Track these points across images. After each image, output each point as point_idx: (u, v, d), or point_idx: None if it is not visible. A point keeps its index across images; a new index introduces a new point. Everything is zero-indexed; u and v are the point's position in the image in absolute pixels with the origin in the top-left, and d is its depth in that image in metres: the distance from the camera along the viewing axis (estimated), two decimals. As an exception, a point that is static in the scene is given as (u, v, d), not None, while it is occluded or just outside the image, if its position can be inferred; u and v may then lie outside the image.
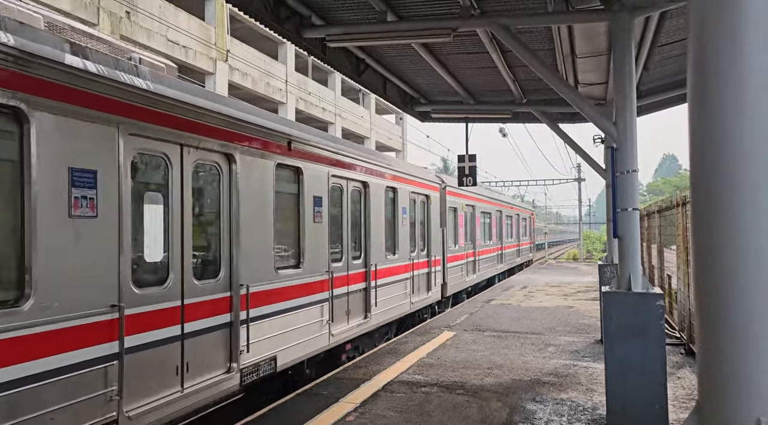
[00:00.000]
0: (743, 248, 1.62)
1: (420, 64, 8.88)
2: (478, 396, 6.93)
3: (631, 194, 5.73)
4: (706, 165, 1.71)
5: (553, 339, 10.43)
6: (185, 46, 21.95)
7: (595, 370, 8.01)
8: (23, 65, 4.00)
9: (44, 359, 4.10)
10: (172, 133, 5.41)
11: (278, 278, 7.09)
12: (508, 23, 6.43)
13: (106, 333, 4.62)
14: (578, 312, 13.64)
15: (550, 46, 7.82)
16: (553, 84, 6.70)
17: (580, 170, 46.27)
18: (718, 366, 1.64)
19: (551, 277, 24.05)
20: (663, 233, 12.15)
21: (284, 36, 7.02)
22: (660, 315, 5.30)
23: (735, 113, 1.63)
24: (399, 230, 11.53)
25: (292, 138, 7.41)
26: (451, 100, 11.03)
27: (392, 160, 11.90)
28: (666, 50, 7.95)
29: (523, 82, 9.68)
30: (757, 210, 1.60)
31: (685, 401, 6.65)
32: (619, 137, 5.85)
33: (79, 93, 4.40)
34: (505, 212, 24.96)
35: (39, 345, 4.06)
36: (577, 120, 11.03)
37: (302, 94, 30.15)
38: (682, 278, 9.78)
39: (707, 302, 1.71)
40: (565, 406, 6.52)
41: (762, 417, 1.54)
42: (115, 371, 4.65)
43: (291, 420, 6.07)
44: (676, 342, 9.87)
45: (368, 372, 8.03)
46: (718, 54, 1.66)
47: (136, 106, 4.99)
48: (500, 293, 17.77)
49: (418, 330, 11.55)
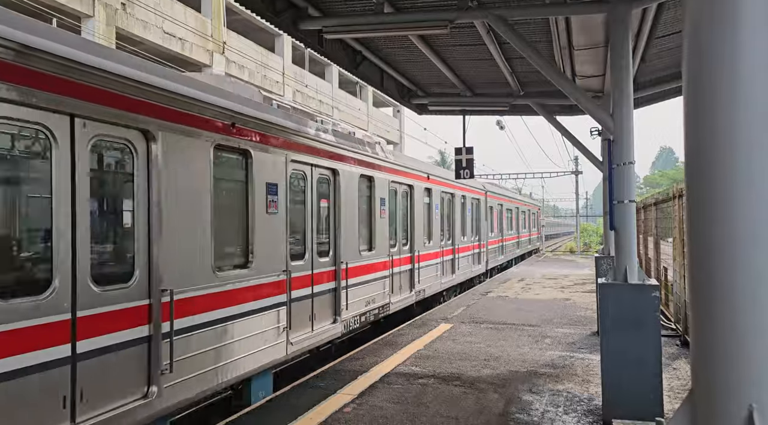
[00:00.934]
0: (737, 238, 1.63)
1: (417, 57, 8.86)
2: (474, 387, 6.96)
3: (627, 186, 5.75)
4: (701, 157, 1.72)
5: (549, 330, 10.47)
6: (182, 39, 21.85)
7: (592, 361, 8.06)
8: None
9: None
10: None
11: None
12: (506, 15, 6.42)
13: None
14: (575, 304, 13.69)
15: (548, 38, 7.81)
16: (551, 76, 6.69)
17: (578, 162, 46.34)
18: (712, 354, 1.66)
19: (548, 269, 24.12)
20: (659, 226, 12.19)
21: (281, 28, 7.00)
22: (656, 306, 5.33)
23: (730, 104, 1.64)
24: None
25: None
26: (449, 92, 11.02)
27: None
28: (663, 42, 7.95)
29: (520, 75, 9.67)
30: (752, 201, 1.61)
31: (680, 391, 6.69)
32: (616, 129, 5.86)
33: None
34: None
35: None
36: (575, 112, 11.04)
37: (299, 87, 30.07)
38: (678, 270, 9.83)
39: (701, 292, 1.72)
40: (561, 397, 6.57)
41: (754, 404, 1.56)
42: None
43: (289, 412, 6.10)
44: (672, 333, 9.92)
45: (365, 364, 8.06)
46: (712, 46, 1.67)
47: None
48: (497, 286, 17.81)
49: (415, 322, 11.58)
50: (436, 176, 14.62)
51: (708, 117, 1.69)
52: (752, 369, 1.59)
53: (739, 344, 1.61)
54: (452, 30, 6.84)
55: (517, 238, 29.17)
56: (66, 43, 4.39)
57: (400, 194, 12.11)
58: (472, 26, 7.30)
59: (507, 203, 25.85)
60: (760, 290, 1.61)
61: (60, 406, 4.20)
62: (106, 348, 4.61)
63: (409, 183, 12.45)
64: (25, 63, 4.03)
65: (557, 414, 6.02)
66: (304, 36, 7.29)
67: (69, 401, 4.27)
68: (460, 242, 16.65)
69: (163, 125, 5.25)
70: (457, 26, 7.19)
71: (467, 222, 17.70)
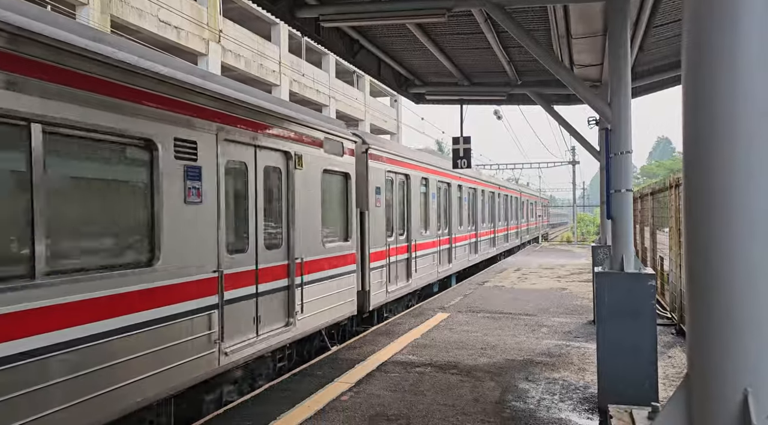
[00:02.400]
0: (734, 227, 1.64)
1: (414, 45, 8.82)
2: (471, 375, 7.01)
3: (624, 175, 5.75)
4: (699, 147, 1.73)
5: (546, 320, 10.52)
6: (177, 27, 21.69)
7: (588, 350, 8.11)
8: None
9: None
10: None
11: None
12: (503, 3, 6.38)
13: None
14: (571, 294, 13.75)
15: (546, 26, 7.77)
16: (549, 65, 6.67)
17: (575, 152, 46.36)
18: (707, 340, 1.67)
19: (545, 259, 24.19)
20: (656, 216, 12.22)
21: (277, 16, 6.95)
22: (651, 295, 5.36)
23: (729, 94, 1.64)
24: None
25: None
26: (446, 81, 10.99)
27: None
28: (662, 31, 7.92)
29: (518, 64, 9.64)
30: (749, 191, 1.62)
31: (675, 379, 6.74)
32: (613, 118, 5.85)
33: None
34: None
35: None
36: (572, 102, 11.02)
37: (296, 76, 29.93)
38: (675, 259, 9.87)
39: (698, 279, 1.73)
40: (557, 385, 6.61)
41: (749, 388, 1.58)
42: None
43: (287, 399, 6.13)
44: (668, 322, 9.98)
45: (363, 353, 8.09)
46: (712, 35, 1.66)
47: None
48: (494, 275, 17.87)
49: (413, 311, 11.63)
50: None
51: (707, 107, 1.69)
52: (747, 354, 1.60)
53: (735, 329, 1.62)
54: (450, 18, 6.80)
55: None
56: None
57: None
58: (469, 14, 7.26)
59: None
60: (755, 277, 1.62)
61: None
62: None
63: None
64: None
65: (553, 401, 6.06)
66: (301, 24, 7.23)
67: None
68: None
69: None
70: (455, 14, 7.15)
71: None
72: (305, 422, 5.50)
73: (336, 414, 5.70)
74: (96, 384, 4.55)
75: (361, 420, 5.52)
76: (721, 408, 1.63)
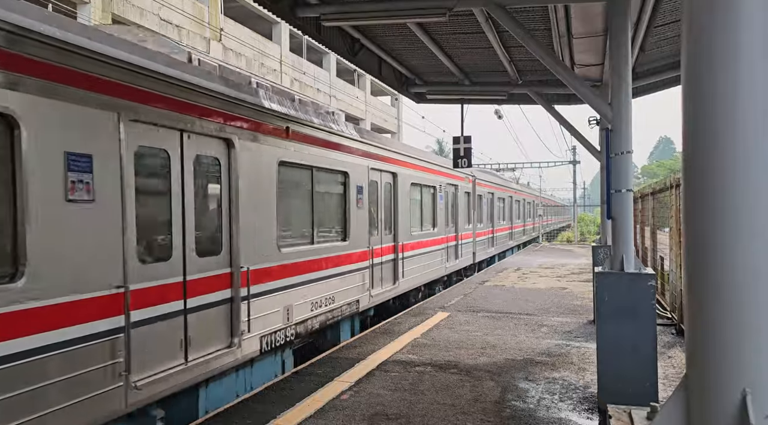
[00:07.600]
0: (734, 227, 1.64)
1: (415, 45, 8.82)
2: (471, 375, 7.01)
3: (625, 175, 5.75)
4: (699, 147, 1.73)
5: (546, 319, 10.52)
6: (178, 26, 21.69)
7: (588, 350, 8.11)
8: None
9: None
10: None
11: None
12: (505, 2, 6.38)
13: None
14: (571, 294, 13.75)
15: (546, 26, 7.77)
16: (549, 65, 6.67)
17: (575, 152, 46.34)
18: (707, 339, 1.68)
19: (545, 259, 24.18)
20: (656, 216, 12.22)
21: (278, 15, 6.95)
22: (651, 295, 5.36)
23: (728, 94, 1.64)
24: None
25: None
26: (447, 81, 10.99)
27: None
28: (662, 31, 7.92)
29: (518, 63, 9.64)
30: (749, 191, 1.62)
31: (675, 379, 6.74)
32: (614, 118, 5.85)
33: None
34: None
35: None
36: (573, 101, 11.02)
37: (297, 75, 29.92)
38: (675, 259, 9.87)
39: (697, 279, 1.73)
40: (557, 385, 6.61)
41: (747, 388, 1.58)
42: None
43: (288, 398, 6.14)
44: (668, 322, 9.98)
45: (363, 352, 8.10)
46: (711, 35, 1.66)
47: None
48: (494, 275, 17.87)
49: (413, 310, 11.63)
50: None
51: (706, 107, 1.69)
52: (746, 354, 1.60)
53: (734, 329, 1.63)
54: (451, 18, 6.80)
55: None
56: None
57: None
58: (470, 14, 7.26)
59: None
60: (755, 278, 1.62)
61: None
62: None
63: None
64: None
65: (553, 401, 6.07)
66: (302, 23, 7.24)
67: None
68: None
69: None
70: (456, 14, 7.14)
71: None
72: (305, 421, 5.51)
73: (336, 413, 5.70)
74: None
75: (361, 419, 5.53)
76: (720, 408, 1.63)
